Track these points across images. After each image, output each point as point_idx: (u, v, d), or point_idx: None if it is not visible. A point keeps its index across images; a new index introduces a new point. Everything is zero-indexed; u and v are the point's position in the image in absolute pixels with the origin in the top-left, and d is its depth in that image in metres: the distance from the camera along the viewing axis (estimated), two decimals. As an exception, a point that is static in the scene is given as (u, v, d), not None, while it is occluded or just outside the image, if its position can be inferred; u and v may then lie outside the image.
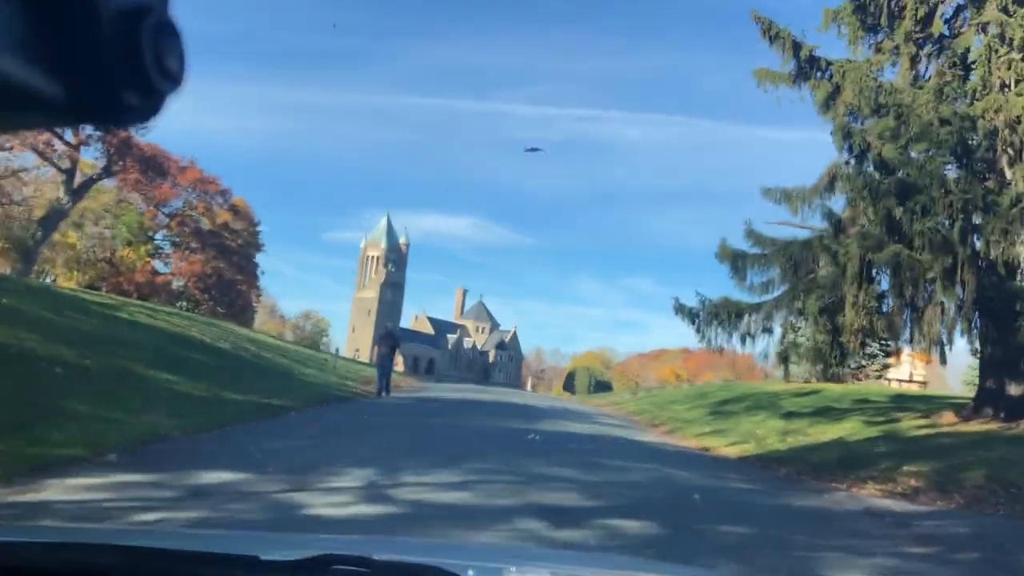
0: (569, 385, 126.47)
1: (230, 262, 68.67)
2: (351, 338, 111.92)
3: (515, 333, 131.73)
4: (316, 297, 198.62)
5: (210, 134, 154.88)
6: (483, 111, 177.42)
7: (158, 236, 68.05)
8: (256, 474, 7.31)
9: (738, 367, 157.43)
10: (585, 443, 13.58)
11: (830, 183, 17.82)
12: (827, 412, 19.82)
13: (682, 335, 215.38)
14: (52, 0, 0.47)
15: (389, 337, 20.70)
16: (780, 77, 17.71)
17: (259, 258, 75.52)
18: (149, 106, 0.51)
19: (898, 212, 13.24)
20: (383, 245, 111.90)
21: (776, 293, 17.20)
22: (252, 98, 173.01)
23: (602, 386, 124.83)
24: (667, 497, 8.52)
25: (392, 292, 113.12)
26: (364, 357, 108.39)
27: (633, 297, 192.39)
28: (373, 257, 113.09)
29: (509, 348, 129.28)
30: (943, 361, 14.37)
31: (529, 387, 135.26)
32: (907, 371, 34.15)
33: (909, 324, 15.41)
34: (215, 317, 74.20)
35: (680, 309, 17.62)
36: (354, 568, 1.33)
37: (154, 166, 53.71)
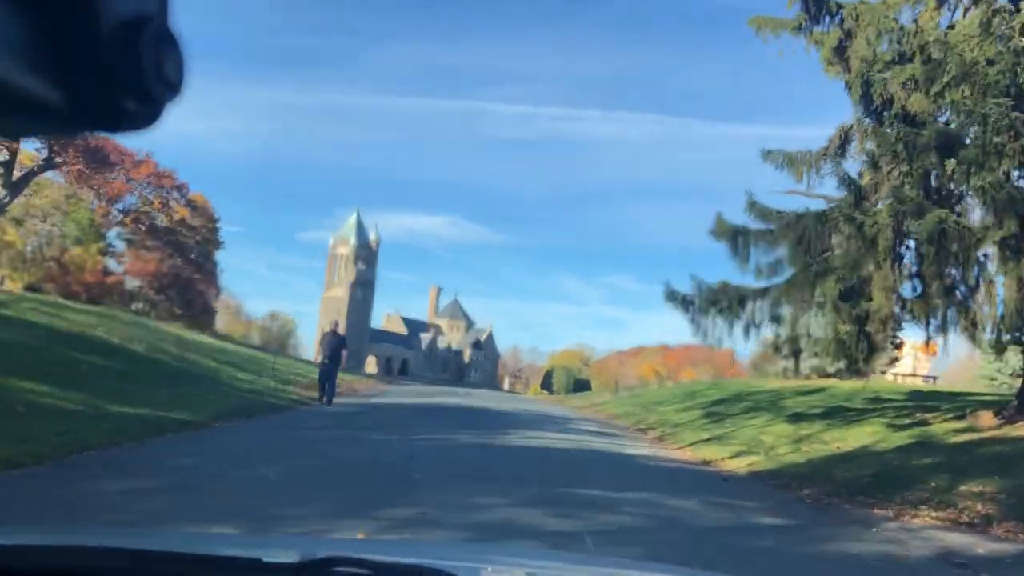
0: (547, 384, 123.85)
1: (188, 260, 65.46)
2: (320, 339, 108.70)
3: (491, 332, 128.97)
4: (293, 298, 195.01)
5: (182, 135, 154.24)
6: (458, 110, 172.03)
7: (111, 234, 64.65)
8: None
9: (718, 363, 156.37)
10: (561, 462, 10.85)
11: (841, 146, 15.26)
12: (839, 413, 17.25)
13: (662, 331, 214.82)
14: (53, 8, 0.47)
15: (333, 336, 17.75)
16: (782, 24, 15.13)
17: (228, 257, 72.63)
18: (149, 113, 0.51)
19: (949, 166, 10.65)
20: (352, 242, 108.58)
21: (785, 276, 14.61)
22: (225, 99, 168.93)
23: (581, 384, 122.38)
24: (675, 556, 5.80)
25: (363, 291, 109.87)
26: (333, 362, 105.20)
27: (612, 294, 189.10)
28: (342, 255, 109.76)
29: (485, 347, 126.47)
30: (999, 351, 11.82)
31: (506, 386, 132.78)
32: (907, 365, 31.73)
33: (948, 308, 12.87)
34: (172, 318, 70.97)
35: (672, 296, 14.96)
36: (356, 570, 1.30)
37: (99, 157, 50.45)
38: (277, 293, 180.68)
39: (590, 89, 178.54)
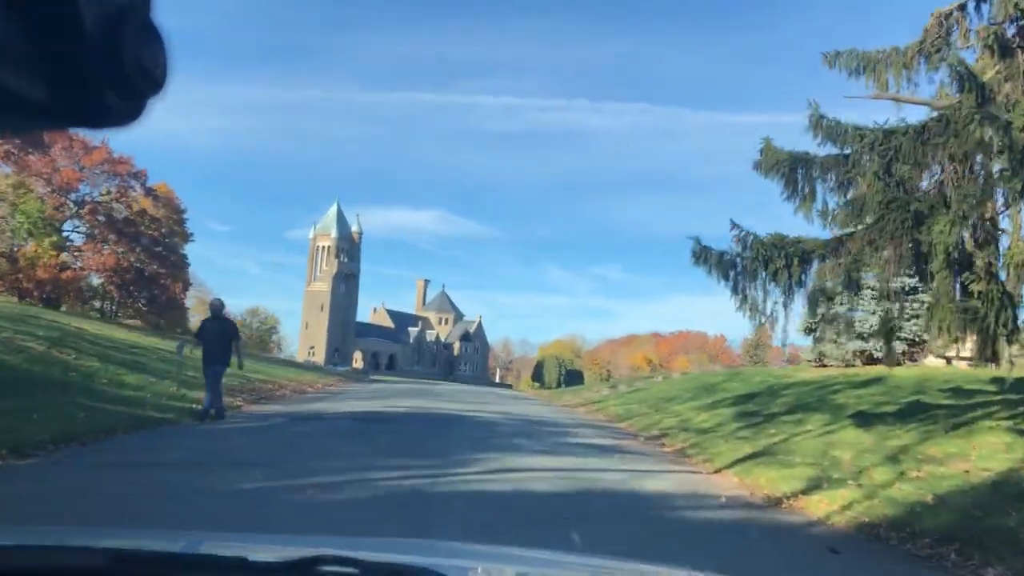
0: (538, 375, 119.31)
1: (151, 254, 60.67)
2: (304, 335, 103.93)
3: (480, 323, 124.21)
4: (284, 296, 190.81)
5: (167, 133, 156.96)
6: (444, 103, 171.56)
7: (67, 227, 59.80)
8: None
9: (711, 349, 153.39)
10: (549, 526, 6.20)
11: (939, 39, 10.69)
12: (923, 412, 12.74)
13: (652, 320, 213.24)
14: (34, 4, 0.46)
15: (214, 322, 12.48)
16: None
17: (218, 256, 67.78)
18: (132, 109, 0.50)
19: None
20: (334, 234, 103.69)
21: (866, 222, 10.01)
22: (209, 96, 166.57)
23: (573, 376, 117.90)
24: None
25: (346, 284, 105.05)
26: (319, 356, 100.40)
27: (601, 284, 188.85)
28: (324, 247, 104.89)
29: (474, 339, 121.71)
30: None
31: (498, 378, 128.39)
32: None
33: None
34: (139, 315, 66.13)
35: (703, 256, 10.32)
36: (343, 569, 1.27)
37: (28, 137, 45.56)
38: (267, 292, 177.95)
39: (577, 79, 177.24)
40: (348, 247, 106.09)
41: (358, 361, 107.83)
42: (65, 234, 58.72)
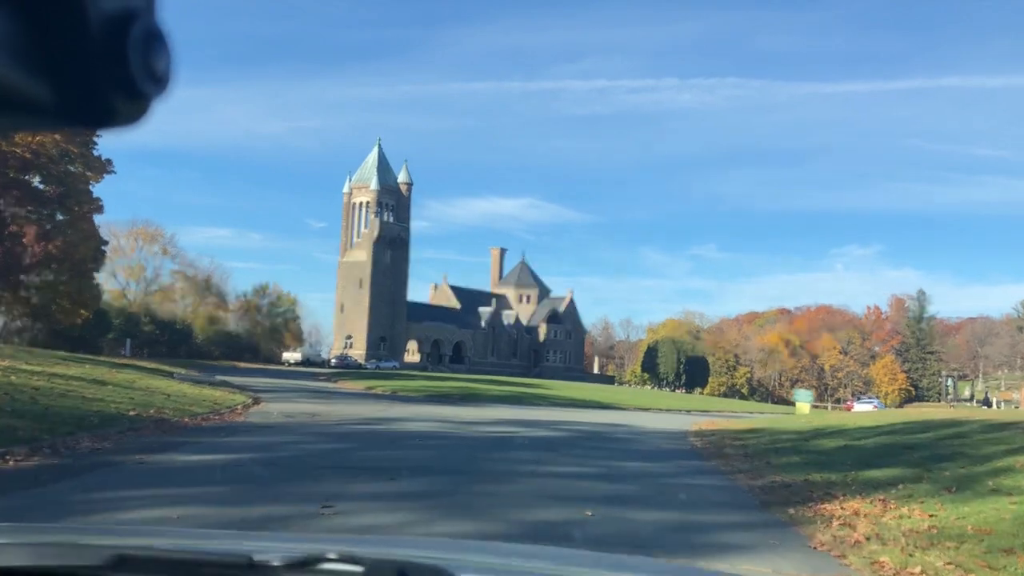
0: (650, 364, 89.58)
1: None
2: (339, 320, 77.47)
3: (571, 300, 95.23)
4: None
5: (264, 136, 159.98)
6: (533, 90, 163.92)
7: None
8: None
9: (862, 326, 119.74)
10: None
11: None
12: None
13: (749, 299, 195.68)
14: (39, 4, 0.46)
15: None
16: None
17: (316, 252, 41.75)
18: (137, 109, 0.50)
19: None
20: (373, 185, 76.84)
21: None
22: (301, 97, 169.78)
23: (695, 364, 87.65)
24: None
25: (392, 251, 78.02)
26: (359, 348, 73.85)
27: (699, 264, 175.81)
28: (362, 204, 78.16)
29: (565, 320, 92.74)
30: None
31: (596, 369, 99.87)
32: None
33: None
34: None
35: None
36: (348, 567, 1.23)
37: None
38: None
39: (665, 58, 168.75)
40: (393, 203, 79.10)
41: (413, 353, 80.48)
42: None
